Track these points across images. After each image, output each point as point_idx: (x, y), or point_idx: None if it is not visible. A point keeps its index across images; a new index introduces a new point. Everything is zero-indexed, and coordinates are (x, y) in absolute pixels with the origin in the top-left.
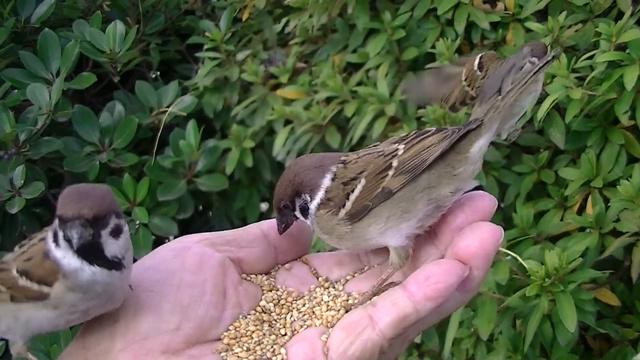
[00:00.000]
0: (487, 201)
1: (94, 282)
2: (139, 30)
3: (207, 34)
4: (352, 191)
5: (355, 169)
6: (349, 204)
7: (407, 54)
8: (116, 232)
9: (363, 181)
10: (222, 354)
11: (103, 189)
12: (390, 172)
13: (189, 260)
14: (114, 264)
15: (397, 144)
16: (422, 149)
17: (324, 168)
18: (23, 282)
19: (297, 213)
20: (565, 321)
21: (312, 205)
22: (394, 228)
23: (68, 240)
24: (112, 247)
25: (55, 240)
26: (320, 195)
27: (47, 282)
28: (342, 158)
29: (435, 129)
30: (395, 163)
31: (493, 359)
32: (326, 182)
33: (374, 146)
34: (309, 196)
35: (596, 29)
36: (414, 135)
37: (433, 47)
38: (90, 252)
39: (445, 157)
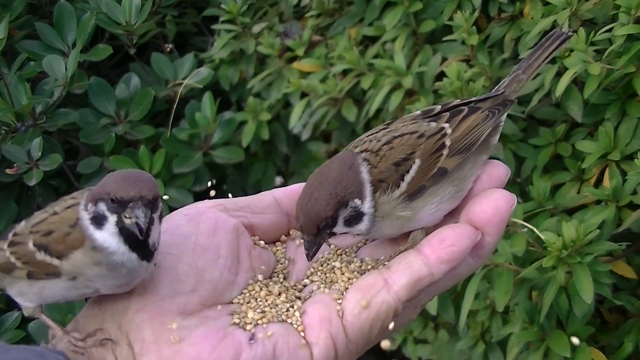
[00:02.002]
0: (501, 169)
1: (122, 265)
2: (155, 2)
3: (223, 6)
4: (407, 172)
5: (402, 150)
6: (404, 185)
7: (424, 26)
8: (161, 216)
9: (418, 161)
10: (237, 315)
11: (147, 173)
12: (445, 152)
13: (203, 225)
14: (148, 254)
15: (428, 122)
16: (470, 127)
17: (353, 166)
18: (41, 256)
19: (339, 228)
20: (582, 292)
21: (367, 205)
22: (446, 207)
23: (122, 222)
24: (155, 231)
25: (97, 221)
26: (368, 190)
27: (66, 256)
28: (360, 149)
29: (466, 107)
30: (448, 142)
31: (509, 331)
32: (365, 175)
33: (384, 129)
34: (359, 200)
35: (615, 2)
36: (452, 114)
37: (450, 19)
38: (137, 239)
39: None
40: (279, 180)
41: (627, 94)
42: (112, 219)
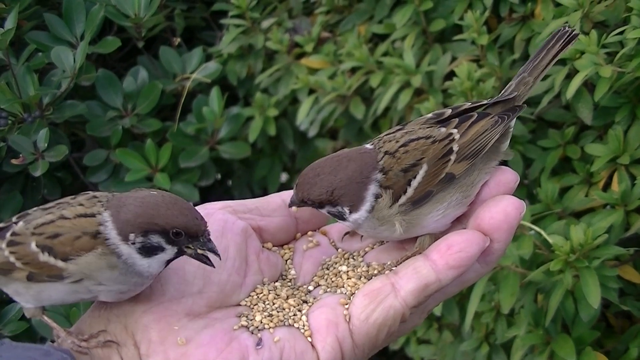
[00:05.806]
0: (510, 175)
1: (138, 274)
2: None
3: (232, 0)
4: (414, 177)
5: (413, 156)
6: (410, 190)
7: (434, 25)
8: None
9: (425, 167)
10: (244, 318)
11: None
12: (452, 157)
13: (212, 226)
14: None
15: (439, 128)
16: (479, 133)
17: (364, 181)
18: (44, 257)
19: (323, 212)
20: (589, 297)
21: (353, 217)
22: (453, 214)
23: (181, 253)
24: None
25: (148, 251)
26: (365, 207)
27: (73, 258)
28: (382, 150)
29: (475, 112)
30: (455, 147)
31: (514, 333)
32: (371, 191)
33: (400, 129)
34: (349, 209)
35: (627, 4)
36: (461, 119)
37: (461, 19)
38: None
39: None
40: (284, 176)
41: (637, 98)
42: (170, 250)
